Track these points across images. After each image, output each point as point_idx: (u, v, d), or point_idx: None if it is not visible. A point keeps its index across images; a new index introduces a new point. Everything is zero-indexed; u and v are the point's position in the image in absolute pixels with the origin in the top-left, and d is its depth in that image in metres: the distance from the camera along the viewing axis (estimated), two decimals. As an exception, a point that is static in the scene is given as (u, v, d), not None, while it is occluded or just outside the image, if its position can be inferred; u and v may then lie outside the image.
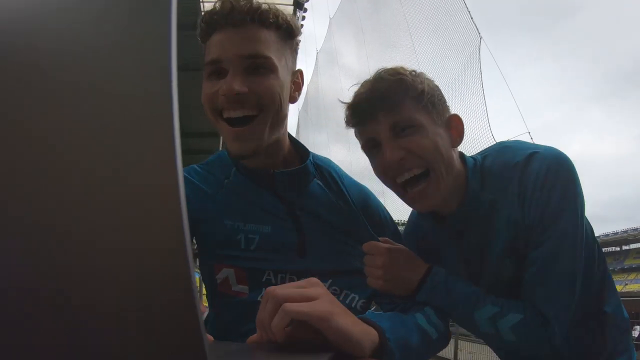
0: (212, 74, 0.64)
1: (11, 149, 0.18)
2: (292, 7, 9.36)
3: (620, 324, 0.79)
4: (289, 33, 0.67)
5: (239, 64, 0.62)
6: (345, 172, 0.81)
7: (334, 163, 0.81)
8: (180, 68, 0.20)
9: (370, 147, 0.72)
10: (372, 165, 0.74)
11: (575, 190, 0.67)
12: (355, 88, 0.73)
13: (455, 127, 0.72)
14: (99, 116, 0.19)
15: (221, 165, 0.75)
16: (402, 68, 0.72)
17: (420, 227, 0.83)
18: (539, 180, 0.66)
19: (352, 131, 0.76)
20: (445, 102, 0.73)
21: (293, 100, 0.71)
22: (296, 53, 0.72)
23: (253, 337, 0.47)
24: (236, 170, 0.73)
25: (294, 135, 0.79)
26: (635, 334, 7.51)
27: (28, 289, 0.19)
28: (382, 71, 0.71)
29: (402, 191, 0.70)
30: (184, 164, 0.19)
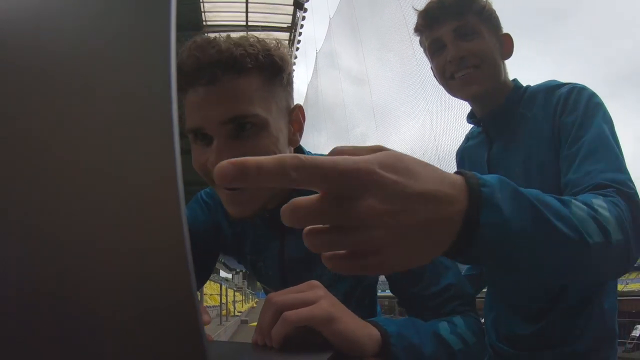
0: (197, 138, 0.57)
1: (10, 148, 0.18)
2: (292, 7, 9.37)
3: (610, 329, 0.78)
4: (275, 70, 0.57)
5: (222, 131, 0.54)
6: None
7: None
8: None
9: (434, 48, 0.83)
10: (432, 64, 0.86)
11: (606, 108, 0.73)
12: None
13: (506, 44, 0.84)
14: (98, 116, 0.19)
15: None
16: None
17: (461, 149, 0.98)
18: (572, 94, 0.75)
19: (351, 132, 0.80)
20: (500, 21, 0.85)
21: (294, 144, 0.63)
22: (290, 86, 0.62)
23: (253, 339, 0.47)
24: None
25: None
26: (635, 333, 7.49)
27: (26, 289, 0.19)
28: None
29: (453, 83, 0.82)
30: (184, 164, 0.19)
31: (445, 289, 0.61)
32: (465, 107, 0.91)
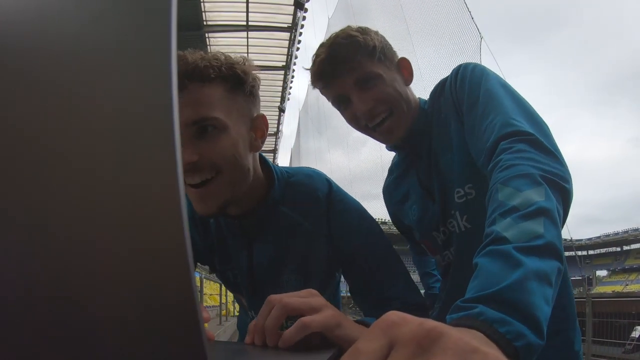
0: None
1: (10, 149, 0.18)
2: (292, 7, 9.37)
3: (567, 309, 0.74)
4: (236, 81, 0.64)
5: (185, 132, 0.60)
6: (339, 193, 0.77)
7: (322, 181, 0.77)
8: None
9: (339, 102, 0.83)
10: (343, 116, 0.85)
11: (490, 71, 0.75)
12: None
13: (405, 68, 0.85)
14: (98, 116, 0.19)
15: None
16: (351, 29, 0.81)
17: (389, 184, 0.96)
18: (458, 73, 0.78)
19: (351, 137, 0.81)
20: (392, 48, 0.84)
21: (255, 149, 0.69)
22: (253, 96, 0.69)
23: (247, 340, 0.48)
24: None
25: (294, 137, 0.83)
26: (635, 334, 7.49)
27: (26, 289, 0.19)
28: (335, 36, 0.80)
29: (372, 132, 0.83)
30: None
31: (396, 298, 0.68)
32: None
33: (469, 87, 0.73)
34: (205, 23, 9.49)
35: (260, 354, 0.44)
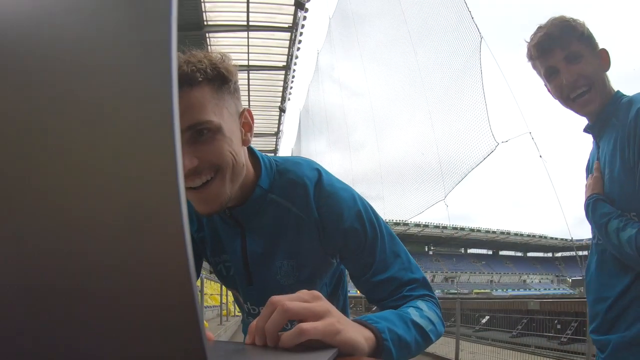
0: None
1: (10, 148, 0.18)
2: (293, 7, 9.37)
3: None
4: (221, 80, 0.65)
5: (182, 138, 0.61)
6: (328, 178, 0.76)
7: (310, 168, 0.76)
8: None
9: (549, 73, 1.03)
10: (549, 87, 1.05)
11: None
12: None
13: (604, 58, 1.02)
14: (99, 116, 0.19)
15: None
16: (565, 16, 1.02)
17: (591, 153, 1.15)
18: None
19: (351, 138, 0.84)
20: (595, 39, 1.02)
21: (246, 143, 0.71)
22: (237, 92, 0.70)
23: (248, 340, 0.48)
24: None
25: (295, 136, 0.85)
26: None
27: (26, 289, 0.19)
28: (553, 19, 1.02)
29: (572, 103, 1.01)
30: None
31: (392, 278, 0.71)
32: (465, 107, 0.97)
33: None
34: (205, 23, 9.48)
35: (260, 354, 0.44)
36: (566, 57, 0.99)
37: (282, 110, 14.02)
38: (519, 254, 67.69)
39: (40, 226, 0.19)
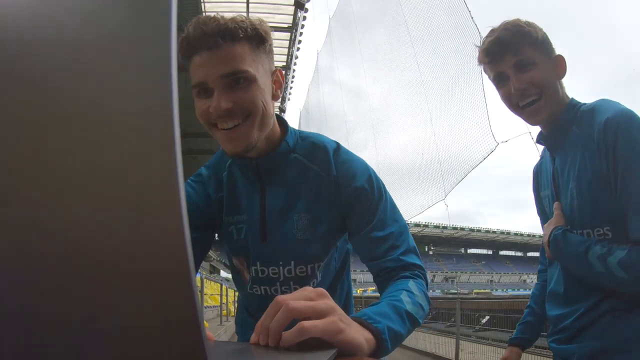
0: (200, 93, 0.72)
1: (10, 147, 0.18)
2: (293, 7, 9.37)
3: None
4: (259, 40, 0.74)
5: (221, 83, 0.70)
6: (345, 149, 0.86)
7: (331, 141, 0.86)
8: (180, 68, 0.20)
9: (498, 80, 0.97)
10: (499, 93, 0.99)
11: None
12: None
13: (560, 65, 0.97)
14: (99, 116, 0.19)
15: (222, 161, 0.88)
16: (519, 20, 0.95)
17: (537, 164, 1.11)
18: (619, 128, 0.86)
19: (352, 139, 0.84)
20: (552, 45, 0.97)
21: (276, 98, 0.79)
22: (271, 54, 0.78)
23: (253, 339, 0.48)
24: (231, 162, 0.86)
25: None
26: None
27: (26, 289, 0.19)
28: (505, 23, 0.95)
29: (520, 111, 0.96)
30: (184, 164, 0.19)
31: (388, 236, 0.78)
32: (465, 107, 0.98)
33: (624, 155, 0.84)
34: (205, 23, 9.46)
35: (260, 354, 0.44)
36: (516, 64, 0.93)
37: (282, 110, 14.03)
38: (519, 254, 67.66)
39: (40, 225, 0.19)
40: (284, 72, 0.85)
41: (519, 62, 0.93)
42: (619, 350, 0.85)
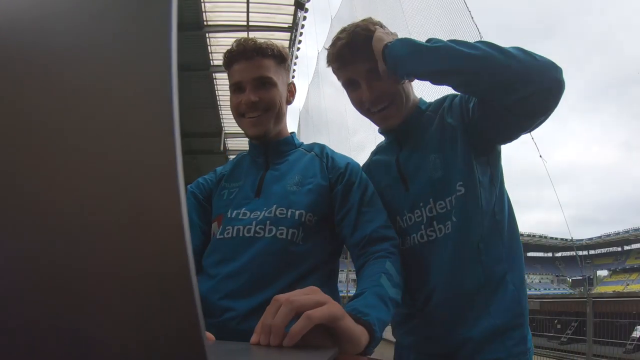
0: (236, 90, 0.99)
1: (10, 147, 0.18)
2: (293, 7, 9.36)
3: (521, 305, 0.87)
4: (282, 59, 1.00)
5: (252, 84, 0.96)
6: (330, 149, 1.06)
7: (319, 144, 1.07)
8: (180, 68, 0.20)
9: (349, 84, 0.97)
10: (350, 97, 0.99)
11: None
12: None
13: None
14: (99, 116, 0.19)
15: (242, 158, 1.10)
16: (372, 22, 0.94)
17: (370, 163, 1.11)
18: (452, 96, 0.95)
19: (352, 137, 0.86)
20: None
21: (289, 102, 1.06)
22: (289, 71, 1.04)
23: (254, 339, 0.48)
24: (247, 152, 1.08)
25: (296, 135, 1.09)
26: (636, 334, 7.47)
27: (25, 288, 0.19)
28: (356, 25, 0.94)
29: (371, 115, 0.98)
30: (184, 164, 0.19)
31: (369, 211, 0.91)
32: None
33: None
34: (205, 23, 9.48)
35: (261, 354, 0.44)
36: (368, 72, 0.90)
37: (282, 110, 13.97)
38: (519, 253, 67.53)
39: (40, 225, 0.19)
40: (289, 78, 1.10)
41: (372, 70, 0.90)
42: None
